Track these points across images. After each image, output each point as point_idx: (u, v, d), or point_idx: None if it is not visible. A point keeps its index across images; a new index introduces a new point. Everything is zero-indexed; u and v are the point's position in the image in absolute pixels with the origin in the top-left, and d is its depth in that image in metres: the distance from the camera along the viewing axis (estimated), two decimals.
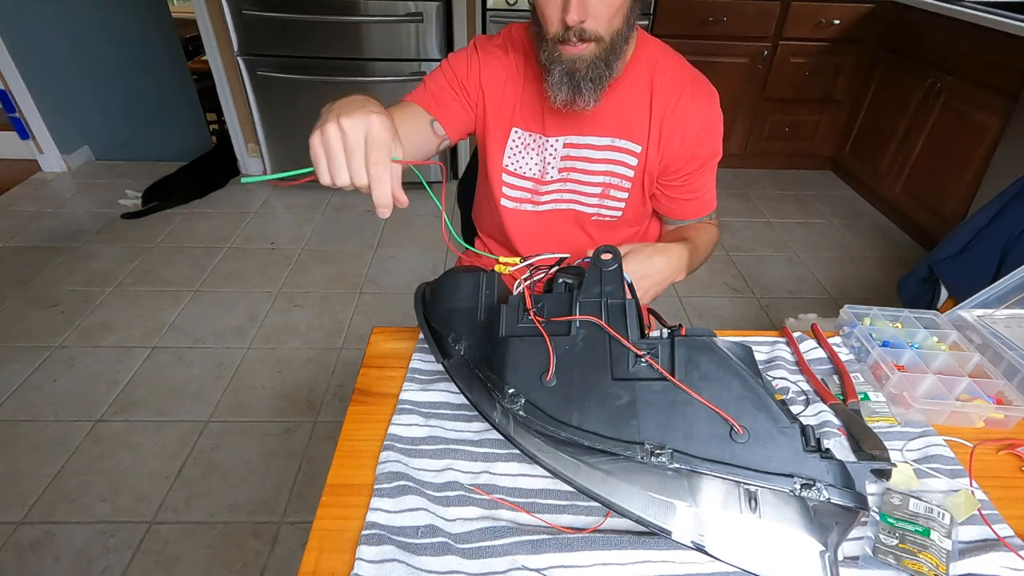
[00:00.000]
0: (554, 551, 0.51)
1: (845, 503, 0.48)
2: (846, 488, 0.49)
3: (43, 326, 1.94)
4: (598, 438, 0.52)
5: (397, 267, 2.33)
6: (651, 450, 0.50)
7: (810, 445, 0.51)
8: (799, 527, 0.49)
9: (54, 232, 2.49)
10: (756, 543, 0.49)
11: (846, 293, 2.26)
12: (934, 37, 2.44)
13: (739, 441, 0.51)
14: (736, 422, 0.51)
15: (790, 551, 0.48)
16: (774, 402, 0.52)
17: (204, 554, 1.30)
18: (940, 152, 2.41)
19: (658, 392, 0.53)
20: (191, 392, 1.71)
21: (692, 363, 0.54)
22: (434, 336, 0.64)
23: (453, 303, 0.66)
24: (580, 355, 0.56)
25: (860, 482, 0.50)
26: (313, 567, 0.51)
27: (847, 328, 0.81)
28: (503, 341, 0.58)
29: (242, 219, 2.64)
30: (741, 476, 0.49)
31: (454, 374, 0.60)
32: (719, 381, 0.53)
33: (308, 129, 0.57)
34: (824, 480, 0.49)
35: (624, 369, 0.55)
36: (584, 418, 0.53)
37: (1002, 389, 0.69)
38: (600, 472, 0.51)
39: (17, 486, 1.43)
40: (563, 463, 0.52)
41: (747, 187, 3.02)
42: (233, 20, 2.44)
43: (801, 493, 0.49)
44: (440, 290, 0.68)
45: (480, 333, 0.61)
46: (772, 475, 0.49)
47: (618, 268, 0.60)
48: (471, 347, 0.61)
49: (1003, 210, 1.57)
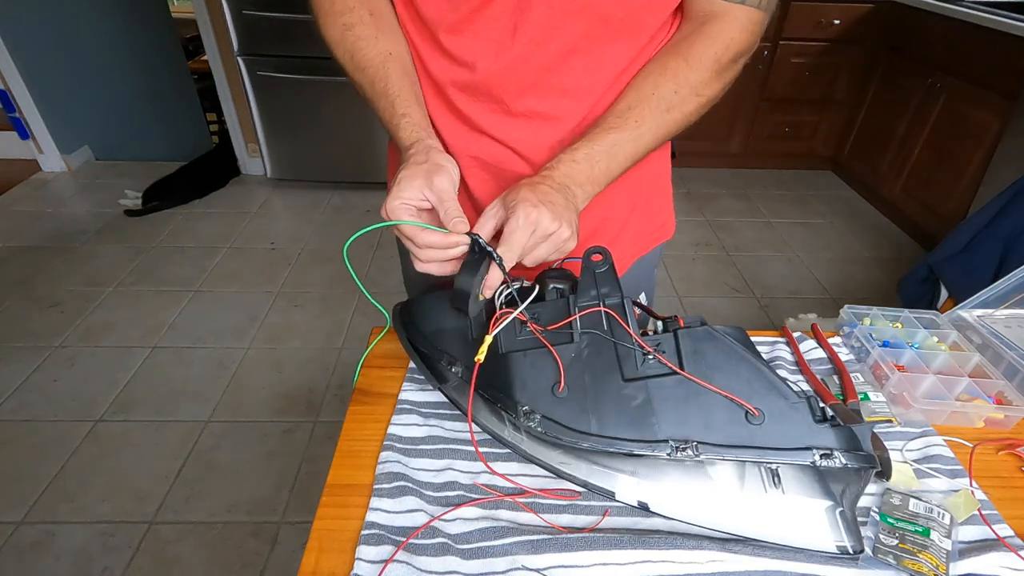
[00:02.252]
0: (554, 551, 0.51)
1: (859, 465, 0.51)
2: (857, 451, 0.52)
3: (43, 326, 1.94)
4: (622, 442, 0.52)
5: (397, 267, 2.32)
6: (676, 447, 0.52)
7: (818, 416, 0.53)
8: (820, 495, 0.51)
9: (54, 232, 2.49)
10: (781, 516, 0.51)
11: (846, 293, 2.26)
12: (934, 37, 2.44)
13: (755, 423, 0.52)
14: (750, 405, 0.52)
15: (814, 519, 0.51)
16: (779, 379, 0.54)
17: (204, 554, 1.30)
18: (940, 152, 2.41)
19: (671, 387, 0.54)
20: (191, 392, 1.71)
21: (698, 354, 0.55)
22: (424, 361, 0.62)
23: (439, 324, 0.62)
24: (587, 361, 0.56)
25: (865, 442, 0.52)
26: (313, 567, 0.51)
27: (847, 328, 0.81)
28: (505, 358, 0.57)
29: (242, 219, 2.64)
30: (764, 456, 0.51)
31: (454, 399, 0.59)
32: (727, 368, 0.54)
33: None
34: (839, 447, 0.51)
35: (633, 369, 0.55)
36: (603, 425, 0.53)
37: (1002, 389, 0.69)
38: (621, 474, 0.53)
39: (17, 486, 1.43)
40: (584, 471, 0.53)
41: (747, 187, 3.02)
42: (233, 20, 2.44)
43: (821, 464, 0.51)
44: (421, 312, 0.65)
45: (475, 353, 0.58)
46: (792, 451, 0.51)
47: (610, 268, 0.59)
48: (469, 368, 0.59)
49: (1003, 210, 1.58)
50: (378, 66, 0.63)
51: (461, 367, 0.60)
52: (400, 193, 0.55)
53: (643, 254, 0.83)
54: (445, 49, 0.62)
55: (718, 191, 2.98)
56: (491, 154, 0.67)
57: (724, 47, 0.60)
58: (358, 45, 0.63)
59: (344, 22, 0.64)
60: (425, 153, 0.58)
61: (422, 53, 0.65)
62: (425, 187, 0.55)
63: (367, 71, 0.63)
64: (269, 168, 2.86)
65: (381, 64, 0.63)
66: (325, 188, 2.90)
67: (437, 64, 0.64)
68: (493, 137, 0.66)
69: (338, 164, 2.84)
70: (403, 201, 0.55)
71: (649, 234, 0.83)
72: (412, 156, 0.57)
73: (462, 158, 0.68)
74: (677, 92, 0.61)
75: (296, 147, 2.80)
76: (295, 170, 2.89)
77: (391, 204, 0.55)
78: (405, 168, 0.56)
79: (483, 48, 0.61)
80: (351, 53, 0.64)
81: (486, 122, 0.65)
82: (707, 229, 2.67)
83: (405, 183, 0.55)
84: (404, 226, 0.55)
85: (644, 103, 0.61)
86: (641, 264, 0.83)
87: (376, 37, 0.63)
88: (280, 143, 2.79)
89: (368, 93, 0.64)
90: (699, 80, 0.61)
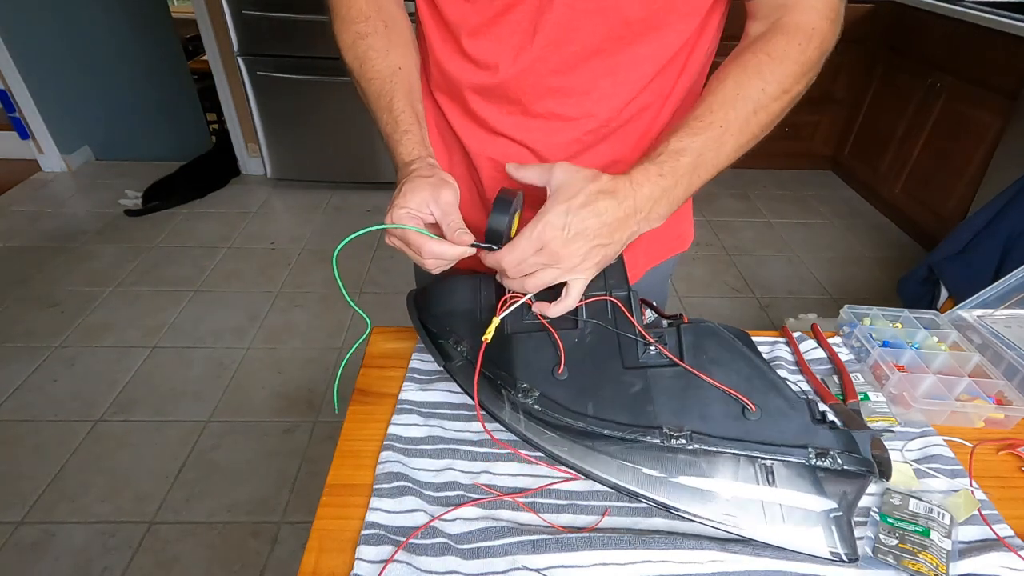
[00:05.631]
0: (554, 551, 0.51)
1: (856, 468, 0.51)
2: (854, 454, 0.52)
3: (43, 326, 1.94)
4: (616, 425, 0.53)
5: (397, 267, 2.32)
6: (669, 433, 0.52)
7: (817, 418, 0.53)
8: (816, 499, 0.51)
9: (54, 232, 2.49)
10: (776, 517, 0.51)
11: (846, 293, 2.26)
12: (934, 37, 2.44)
13: (752, 419, 0.52)
14: (748, 400, 0.53)
15: (808, 521, 0.50)
16: (780, 379, 0.54)
17: (204, 554, 1.30)
18: (940, 152, 2.41)
19: (670, 378, 0.55)
20: (191, 392, 1.71)
21: (699, 348, 0.56)
22: (432, 340, 0.64)
23: (451, 306, 0.65)
24: (589, 347, 0.57)
25: (864, 448, 0.52)
26: (313, 567, 0.51)
27: (847, 328, 0.81)
28: (509, 338, 0.59)
29: (242, 219, 2.64)
30: (758, 451, 0.51)
31: (457, 376, 0.60)
32: (727, 364, 0.55)
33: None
34: (835, 448, 0.51)
35: (634, 358, 0.56)
36: (600, 407, 0.54)
37: (1002, 389, 0.69)
38: (616, 460, 0.52)
39: (17, 486, 1.43)
40: (578, 455, 0.52)
41: (747, 187, 3.02)
42: (233, 20, 2.44)
43: (816, 462, 0.51)
44: (436, 294, 0.67)
45: (482, 333, 0.61)
46: (787, 447, 0.51)
47: (619, 261, 0.60)
48: (474, 348, 0.60)
49: (1003, 210, 1.58)
50: (386, 79, 0.63)
51: (467, 346, 0.60)
52: (406, 203, 0.55)
53: (656, 264, 0.82)
54: (466, 52, 0.62)
55: (718, 191, 2.98)
56: (508, 155, 0.67)
57: (807, 38, 0.55)
58: (369, 55, 0.64)
59: (358, 30, 0.65)
60: (430, 169, 0.58)
61: (441, 57, 0.65)
62: (431, 200, 0.56)
63: (374, 82, 0.64)
64: (269, 168, 2.86)
65: (389, 77, 0.63)
66: (325, 188, 2.90)
67: (456, 66, 0.64)
68: (511, 138, 0.66)
69: (338, 164, 2.84)
70: (408, 210, 0.55)
71: (664, 244, 0.82)
72: (416, 170, 0.58)
73: (478, 158, 0.68)
74: (764, 90, 0.54)
75: (296, 147, 2.79)
76: (295, 170, 2.89)
77: (397, 212, 0.55)
78: (410, 181, 0.57)
79: (503, 51, 0.60)
80: (361, 61, 0.64)
81: (504, 124, 0.65)
82: (707, 229, 2.67)
83: (411, 195, 0.55)
84: (409, 234, 0.56)
85: (728, 105, 0.54)
86: (654, 274, 0.82)
87: (388, 50, 0.64)
88: (280, 143, 2.79)
89: (372, 104, 0.65)
90: (786, 74, 0.55)
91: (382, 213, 0.57)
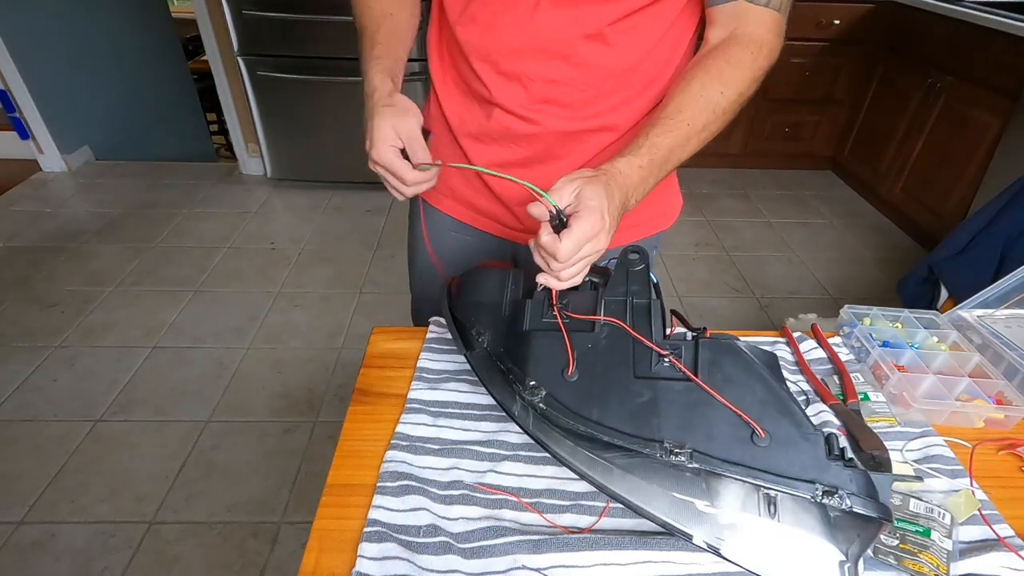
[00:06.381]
0: (555, 551, 0.51)
1: (867, 512, 0.47)
2: (869, 498, 0.48)
3: (43, 326, 1.94)
4: (618, 434, 0.52)
5: (397, 267, 2.32)
6: (670, 448, 0.50)
7: (833, 453, 0.50)
8: (819, 535, 0.47)
9: (54, 232, 2.49)
10: (774, 549, 0.48)
11: (846, 293, 2.26)
12: (934, 37, 2.44)
13: (760, 445, 0.50)
14: (758, 425, 0.50)
15: (808, 560, 0.47)
16: (798, 408, 0.52)
17: (204, 554, 1.30)
18: (940, 152, 2.41)
19: (680, 392, 0.53)
20: (191, 392, 1.71)
21: (715, 365, 0.54)
22: (458, 328, 0.64)
23: (479, 296, 0.66)
24: (603, 352, 0.56)
25: (884, 493, 0.49)
26: (313, 567, 0.51)
27: (847, 328, 0.81)
28: (526, 335, 0.59)
29: (242, 219, 2.64)
30: (761, 479, 0.49)
31: (476, 366, 0.60)
32: (742, 384, 0.53)
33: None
34: (847, 488, 0.48)
35: (647, 368, 0.55)
36: (605, 414, 0.53)
37: (1002, 389, 0.69)
38: (618, 469, 0.51)
39: (17, 486, 1.43)
40: (581, 459, 0.52)
41: (747, 187, 3.02)
42: (233, 20, 2.44)
43: (822, 500, 0.47)
44: (467, 284, 0.68)
45: (504, 327, 0.61)
46: (792, 480, 0.48)
47: (645, 268, 0.60)
48: (494, 340, 0.61)
49: (1003, 210, 1.58)
50: (378, 19, 0.73)
51: (487, 338, 0.61)
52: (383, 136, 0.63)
53: (638, 239, 0.83)
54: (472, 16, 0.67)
55: (718, 191, 2.98)
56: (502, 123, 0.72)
57: (758, 48, 0.62)
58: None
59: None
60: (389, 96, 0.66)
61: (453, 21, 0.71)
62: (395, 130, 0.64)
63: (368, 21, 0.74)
64: (269, 168, 2.86)
65: (381, 18, 0.73)
66: (325, 188, 2.90)
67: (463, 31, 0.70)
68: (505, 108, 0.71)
69: (338, 164, 2.83)
70: (388, 143, 0.64)
71: (648, 218, 0.83)
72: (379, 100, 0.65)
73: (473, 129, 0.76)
74: (723, 93, 0.61)
75: (296, 147, 2.79)
76: (295, 170, 2.88)
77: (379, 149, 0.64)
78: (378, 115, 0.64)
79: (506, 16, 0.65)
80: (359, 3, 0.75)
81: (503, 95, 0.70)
82: (707, 229, 2.67)
83: (380, 130, 0.64)
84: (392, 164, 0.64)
85: (694, 104, 0.60)
86: None
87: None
88: (280, 143, 2.78)
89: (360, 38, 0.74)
90: (741, 79, 0.61)
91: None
